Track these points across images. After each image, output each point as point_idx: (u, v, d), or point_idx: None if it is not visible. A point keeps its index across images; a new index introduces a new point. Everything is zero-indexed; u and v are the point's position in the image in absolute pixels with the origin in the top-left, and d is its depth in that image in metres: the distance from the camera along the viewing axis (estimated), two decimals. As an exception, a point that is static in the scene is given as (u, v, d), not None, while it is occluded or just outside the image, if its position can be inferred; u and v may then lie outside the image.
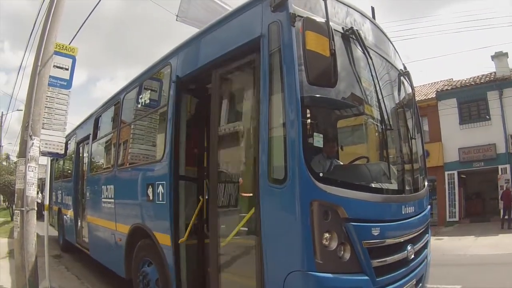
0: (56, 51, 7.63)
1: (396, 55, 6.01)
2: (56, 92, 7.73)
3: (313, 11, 4.15)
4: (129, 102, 7.97)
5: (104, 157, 9.61)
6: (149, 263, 6.31)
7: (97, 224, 9.16)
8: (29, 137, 7.02)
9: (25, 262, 6.87)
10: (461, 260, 13.28)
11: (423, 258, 5.28)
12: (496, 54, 27.00)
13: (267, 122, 4.08)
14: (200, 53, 5.65)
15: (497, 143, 25.27)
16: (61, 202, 14.30)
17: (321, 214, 3.74)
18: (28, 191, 6.98)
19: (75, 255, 12.47)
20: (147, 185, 6.29)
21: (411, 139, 5.68)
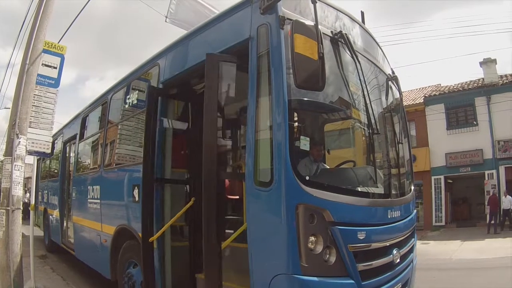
0: (45, 49, 7.60)
1: (384, 59, 6.03)
2: (44, 90, 7.69)
3: (303, 15, 4.16)
4: (117, 103, 7.93)
5: (90, 157, 9.54)
6: (135, 265, 6.28)
7: (82, 224, 9.09)
8: (16, 135, 6.97)
9: (10, 262, 6.82)
10: (447, 265, 13.34)
11: (409, 262, 5.29)
12: (484, 60, 27.14)
13: (254, 124, 4.08)
14: (189, 54, 5.64)
15: (484, 148, 25.45)
16: (47, 202, 14.17)
17: (307, 218, 3.73)
18: (14, 190, 6.93)
19: (61, 256, 12.38)
20: (133, 186, 6.26)
21: (398, 143, 5.69)
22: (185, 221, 5.96)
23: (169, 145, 6.03)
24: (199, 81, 5.95)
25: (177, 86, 6.05)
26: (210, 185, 4.30)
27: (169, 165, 5.98)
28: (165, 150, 5.96)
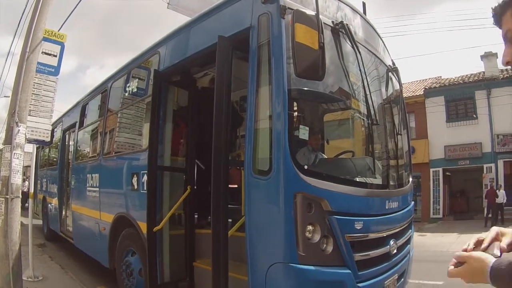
0: (45, 37, 7.57)
1: (385, 51, 6.03)
2: (43, 78, 7.67)
3: (304, 4, 4.16)
4: (117, 91, 7.93)
5: (90, 146, 9.56)
6: (133, 253, 6.31)
7: (81, 213, 9.12)
8: (15, 124, 6.95)
9: (9, 251, 6.82)
10: (444, 257, 13.30)
11: (406, 253, 5.32)
12: (485, 54, 27.06)
13: (253, 113, 4.10)
14: (189, 42, 5.63)
15: (483, 142, 25.46)
16: (46, 190, 14.20)
17: (305, 207, 3.75)
18: (13, 178, 6.93)
19: (59, 244, 12.38)
20: (132, 174, 6.28)
21: (397, 135, 5.71)
22: (182, 210, 5.98)
23: (170, 132, 6.05)
24: (199, 69, 5.96)
25: (177, 74, 6.05)
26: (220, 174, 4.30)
27: (169, 153, 6.00)
28: (166, 138, 5.98)
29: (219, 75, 4.43)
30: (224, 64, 4.42)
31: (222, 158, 4.35)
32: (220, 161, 4.32)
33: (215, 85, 4.47)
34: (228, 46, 4.47)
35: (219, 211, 4.26)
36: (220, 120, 4.35)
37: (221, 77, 4.41)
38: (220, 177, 4.31)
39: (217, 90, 4.41)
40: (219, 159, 4.32)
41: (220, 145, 4.35)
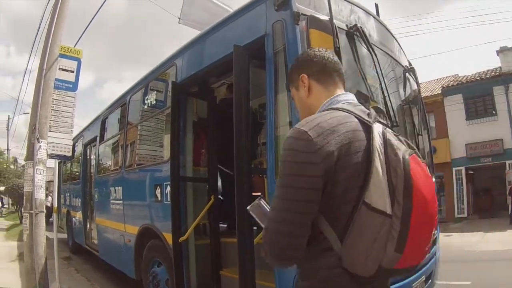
0: (61, 53, 7.68)
1: (401, 51, 5.99)
2: (62, 94, 7.78)
3: (317, 9, 4.15)
4: (136, 104, 8.00)
5: (111, 159, 9.64)
6: (159, 264, 6.33)
7: (106, 225, 9.19)
8: (36, 140, 7.06)
9: (35, 265, 6.92)
10: (470, 256, 13.24)
11: (432, 254, 5.27)
12: (501, 49, 26.77)
13: (273, 120, 4.11)
14: (205, 53, 5.67)
15: (504, 138, 25.17)
16: (69, 204, 14.38)
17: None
18: (37, 193, 7.03)
19: (85, 257, 12.52)
20: (155, 185, 6.31)
21: (417, 135, 5.66)
22: (207, 219, 5.99)
23: (190, 142, 6.08)
24: (217, 79, 6.00)
25: (194, 85, 6.09)
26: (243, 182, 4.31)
27: (191, 163, 6.04)
28: (187, 148, 6.02)
29: (237, 84, 4.45)
30: (241, 73, 4.44)
31: (244, 166, 4.35)
32: (242, 169, 4.32)
33: (233, 94, 4.49)
34: (244, 55, 4.49)
35: (243, 219, 4.25)
36: (240, 128, 4.36)
37: (239, 86, 4.43)
38: (243, 185, 4.31)
39: (236, 99, 4.43)
40: (241, 167, 4.33)
41: (241, 153, 4.35)
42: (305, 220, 1.66)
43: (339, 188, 1.63)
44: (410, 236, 1.56)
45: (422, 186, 1.59)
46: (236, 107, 4.41)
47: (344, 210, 1.65)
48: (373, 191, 1.59)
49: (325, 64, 2.02)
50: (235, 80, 4.48)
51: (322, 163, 1.59)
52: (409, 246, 1.57)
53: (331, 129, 1.65)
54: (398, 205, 1.57)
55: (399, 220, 1.56)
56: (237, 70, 4.45)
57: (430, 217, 1.65)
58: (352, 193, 1.64)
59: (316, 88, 2.03)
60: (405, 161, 1.61)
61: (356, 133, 1.69)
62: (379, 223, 1.58)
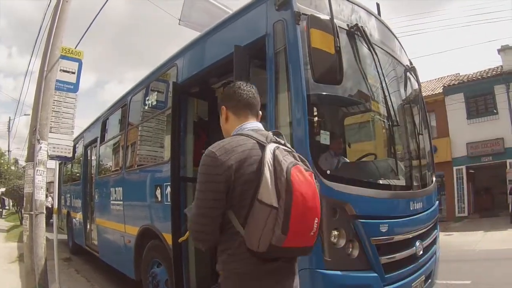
0: (62, 55, 7.68)
1: (401, 51, 6.00)
2: (63, 95, 7.79)
3: (318, 9, 4.16)
4: (136, 104, 7.99)
5: (112, 160, 9.65)
6: (159, 264, 6.33)
7: (106, 226, 9.19)
8: (37, 141, 7.06)
9: (35, 266, 6.92)
10: (471, 256, 13.24)
11: (432, 254, 5.27)
12: (502, 47, 26.77)
13: (273, 120, 4.11)
14: (206, 53, 5.68)
15: (505, 137, 25.11)
16: (70, 205, 14.39)
17: (329, 212, 3.73)
18: (37, 194, 7.03)
19: (85, 258, 12.53)
20: (155, 186, 6.31)
21: (418, 134, 5.66)
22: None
23: (191, 143, 6.09)
24: (217, 79, 5.99)
25: (195, 86, 6.09)
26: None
27: (191, 164, 6.03)
28: (188, 149, 6.02)
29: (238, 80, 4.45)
30: (242, 73, 4.43)
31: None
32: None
33: None
34: (245, 55, 4.49)
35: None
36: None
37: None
38: None
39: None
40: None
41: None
42: (214, 214, 2.28)
43: (239, 189, 2.23)
44: (292, 222, 2.10)
45: (300, 187, 2.14)
46: None
47: (244, 204, 2.23)
48: (263, 191, 2.15)
49: (239, 100, 2.62)
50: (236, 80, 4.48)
51: (223, 174, 2.22)
52: (292, 230, 2.11)
53: (231, 149, 2.29)
54: (282, 200, 2.10)
55: (282, 211, 2.10)
56: (238, 70, 4.45)
57: (309, 209, 2.18)
58: (249, 192, 2.21)
59: (231, 117, 2.66)
60: (287, 170, 2.15)
61: (252, 151, 2.30)
62: (267, 213, 2.13)
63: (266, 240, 2.13)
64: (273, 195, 2.13)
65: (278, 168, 2.18)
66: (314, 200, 2.22)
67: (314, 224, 2.22)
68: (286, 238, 2.11)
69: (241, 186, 2.24)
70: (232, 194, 2.25)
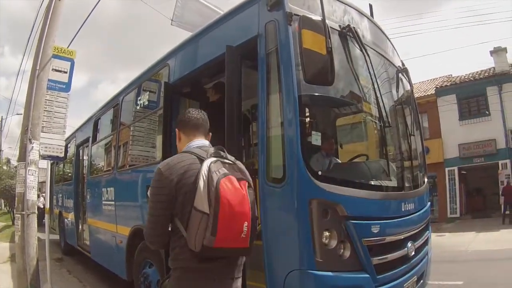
0: (55, 54, 7.64)
1: (394, 52, 6.01)
2: (55, 95, 7.74)
3: (310, 10, 4.15)
4: (128, 104, 7.97)
5: (104, 160, 9.61)
6: (150, 265, 6.30)
7: (97, 226, 9.16)
8: (29, 140, 7.03)
9: (27, 266, 6.89)
10: (463, 256, 13.28)
11: (424, 255, 5.28)
12: (495, 49, 26.92)
13: (265, 121, 4.11)
14: (198, 53, 5.67)
15: (497, 138, 25.27)
16: (61, 205, 14.34)
17: (320, 213, 3.74)
18: (29, 194, 7.00)
19: (77, 258, 12.50)
20: (147, 186, 6.28)
21: (410, 136, 5.67)
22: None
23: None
24: (209, 80, 5.99)
25: (187, 86, 6.08)
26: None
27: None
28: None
29: (229, 85, 4.45)
30: (234, 74, 4.44)
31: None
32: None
33: (225, 94, 4.49)
34: (237, 55, 4.49)
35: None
36: (232, 129, 4.37)
37: (231, 86, 4.43)
38: None
39: (228, 99, 4.43)
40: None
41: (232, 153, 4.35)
42: (161, 220, 2.73)
43: (180, 199, 2.63)
44: (220, 226, 2.45)
45: (227, 195, 2.50)
46: (228, 107, 4.41)
47: (185, 211, 2.60)
48: (197, 199, 2.53)
49: (188, 122, 3.16)
50: (227, 81, 4.48)
51: (167, 186, 2.66)
52: (220, 232, 2.46)
53: (173, 165, 2.73)
54: (212, 207, 2.47)
55: (212, 216, 2.46)
56: (229, 71, 4.45)
57: (236, 214, 2.52)
58: (189, 201, 2.58)
59: (182, 137, 3.20)
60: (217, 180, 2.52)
61: (191, 165, 2.71)
62: (200, 218, 2.50)
63: (199, 241, 2.50)
64: (206, 203, 2.50)
65: (211, 179, 2.54)
66: (241, 206, 2.57)
67: (244, 228, 2.57)
68: (216, 240, 2.47)
69: (182, 196, 2.64)
70: (175, 203, 2.66)
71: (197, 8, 8.92)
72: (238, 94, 4.46)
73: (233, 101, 4.41)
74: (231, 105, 4.41)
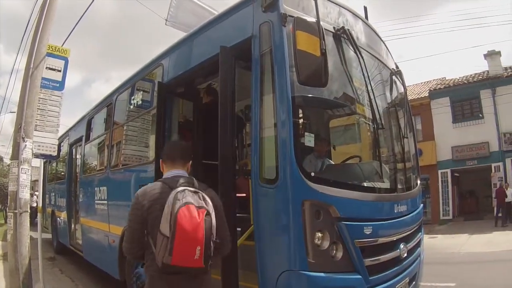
0: (49, 52, 7.60)
1: (388, 54, 6.02)
2: (48, 94, 7.70)
3: (305, 11, 4.15)
4: (122, 104, 7.95)
5: (97, 159, 9.59)
6: (143, 264, 6.28)
7: (90, 226, 9.13)
8: (22, 139, 6.99)
9: (19, 265, 6.85)
10: (455, 258, 13.33)
11: (416, 256, 5.29)
12: (489, 52, 27.03)
13: (258, 122, 4.11)
14: (192, 54, 5.65)
15: (490, 141, 25.34)
16: (54, 204, 14.26)
17: (313, 214, 3.75)
18: (21, 193, 6.96)
19: (69, 257, 12.44)
20: (140, 186, 6.26)
21: (403, 138, 5.68)
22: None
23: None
24: (203, 80, 5.98)
25: (181, 86, 6.07)
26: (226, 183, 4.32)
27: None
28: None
29: (223, 85, 4.45)
30: (227, 74, 4.44)
31: (228, 167, 4.37)
32: (226, 170, 4.34)
33: (219, 95, 4.49)
34: (231, 56, 4.49)
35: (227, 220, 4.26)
36: (225, 129, 4.37)
37: (225, 87, 4.43)
38: (227, 186, 4.32)
39: (222, 100, 4.43)
40: (226, 168, 4.34)
41: (226, 154, 4.36)
42: (135, 236, 3.19)
43: (150, 221, 3.09)
44: (175, 248, 2.86)
45: (183, 222, 2.88)
46: (222, 108, 4.41)
47: (154, 232, 3.01)
48: (162, 223, 2.94)
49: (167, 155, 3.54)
50: (221, 81, 4.48)
51: (140, 209, 3.13)
52: (175, 253, 2.87)
53: (147, 192, 3.19)
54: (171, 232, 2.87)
55: (170, 239, 2.87)
56: (223, 71, 4.45)
57: (189, 240, 2.90)
58: (157, 224, 2.98)
59: (164, 167, 3.54)
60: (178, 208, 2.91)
61: (161, 194, 3.11)
62: (162, 239, 2.92)
63: (160, 259, 2.94)
64: (167, 227, 2.90)
65: (173, 207, 2.93)
66: (195, 233, 2.93)
67: (196, 251, 2.94)
68: (172, 259, 2.89)
69: (152, 219, 3.08)
70: (147, 225, 3.12)
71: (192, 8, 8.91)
72: (232, 94, 4.46)
73: (227, 102, 4.41)
74: (224, 105, 4.41)
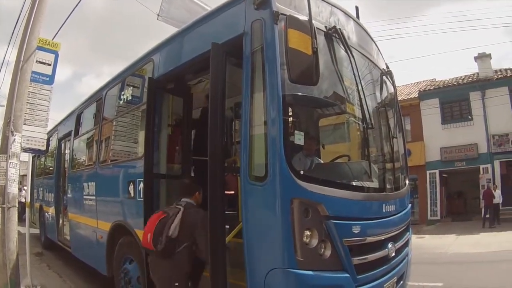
0: (39, 46, 7.55)
1: (379, 54, 6.04)
2: (38, 87, 7.65)
3: (297, 10, 4.15)
4: (111, 99, 7.90)
5: (85, 154, 9.55)
6: (131, 261, 6.28)
7: (78, 221, 9.09)
8: (11, 133, 6.95)
9: (6, 260, 6.82)
10: (442, 258, 13.39)
11: (404, 256, 5.32)
12: (479, 55, 27.20)
13: (248, 119, 4.10)
14: (183, 50, 5.64)
15: (478, 143, 25.54)
16: (42, 199, 14.16)
17: (302, 212, 3.75)
18: (10, 187, 6.92)
19: (57, 253, 12.37)
20: (128, 182, 6.26)
21: (392, 138, 5.71)
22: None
23: (165, 139, 6.06)
24: (193, 76, 5.97)
25: (171, 82, 6.05)
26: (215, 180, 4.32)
27: (165, 160, 6.00)
28: (162, 145, 5.99)
29: (213, 82, 4.44)
30: (218, 71, 4.43)
31: (217, 165, 4.36)
32: (215, 168, 4.33)
33: (209, 92, 4.48)
34: (222, 52, 4.48)
35: (216, 218, 4.27)
36: (215, 126, 4.36)
37: (215, 83, 4.42)
38: (216, 183, 4.32)
39: (212, 97, 4.43)
40: (215, 165, 4.34)
41: (215, 151, 4.36)
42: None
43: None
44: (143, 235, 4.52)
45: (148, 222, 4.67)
46: (212, 104, 4.41)
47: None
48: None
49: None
50: (212, 78, 4.47)
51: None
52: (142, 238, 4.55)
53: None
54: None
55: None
56: (214, 68, 4.44)
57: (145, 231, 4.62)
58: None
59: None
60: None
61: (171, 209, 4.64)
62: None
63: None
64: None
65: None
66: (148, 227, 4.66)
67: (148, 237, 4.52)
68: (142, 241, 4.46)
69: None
70: None
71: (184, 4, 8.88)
72: (222, 91, 4.45)
73: (217, 99, 4.40)
74: (214, 102, 4.40)
